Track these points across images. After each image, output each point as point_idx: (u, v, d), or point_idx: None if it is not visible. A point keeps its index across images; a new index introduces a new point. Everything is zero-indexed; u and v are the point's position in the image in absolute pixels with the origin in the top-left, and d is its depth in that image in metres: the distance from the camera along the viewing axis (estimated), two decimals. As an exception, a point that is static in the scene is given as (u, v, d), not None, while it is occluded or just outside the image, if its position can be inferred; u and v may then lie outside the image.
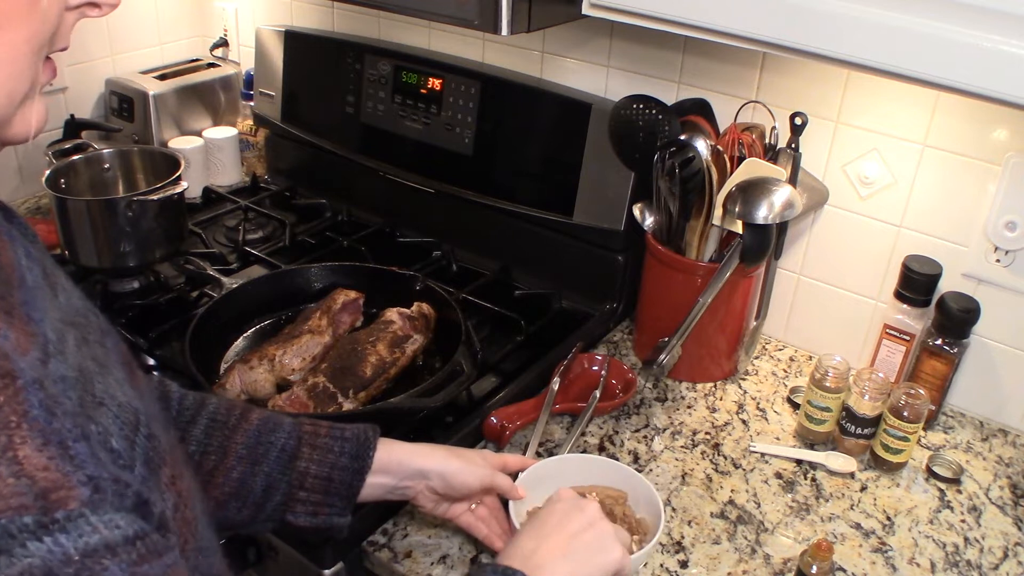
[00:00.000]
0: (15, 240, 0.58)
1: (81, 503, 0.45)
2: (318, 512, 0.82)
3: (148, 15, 1.77)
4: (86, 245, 1.31)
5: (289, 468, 0.81)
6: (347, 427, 0.85)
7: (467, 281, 1.39)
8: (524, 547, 0.75)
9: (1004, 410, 1.19)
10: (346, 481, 0.83)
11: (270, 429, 0.83)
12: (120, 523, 0.47)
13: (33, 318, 0.52)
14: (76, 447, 0.47)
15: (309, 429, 0.84)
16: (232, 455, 0.80)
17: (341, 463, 0.82)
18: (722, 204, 1.12)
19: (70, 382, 0.51)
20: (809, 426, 1.13)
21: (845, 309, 1.27)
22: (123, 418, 0.54)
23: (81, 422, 0.49)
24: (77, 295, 0.65)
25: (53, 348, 0.52)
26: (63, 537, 0.44)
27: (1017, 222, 1.08)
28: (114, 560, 0.46)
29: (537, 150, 1.36)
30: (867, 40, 0.81)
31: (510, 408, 1.12)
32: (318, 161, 1.65)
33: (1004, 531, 1.02)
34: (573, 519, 0.77)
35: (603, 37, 1.33)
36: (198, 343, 1.11)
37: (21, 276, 0.55)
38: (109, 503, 0.47)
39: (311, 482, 0.82)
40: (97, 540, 0.45)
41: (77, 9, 0.57)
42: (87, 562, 0.44)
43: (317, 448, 0.83)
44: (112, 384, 0.56)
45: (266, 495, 0.81)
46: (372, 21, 1.60)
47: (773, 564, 0.96)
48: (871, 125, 1.15)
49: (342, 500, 0.83)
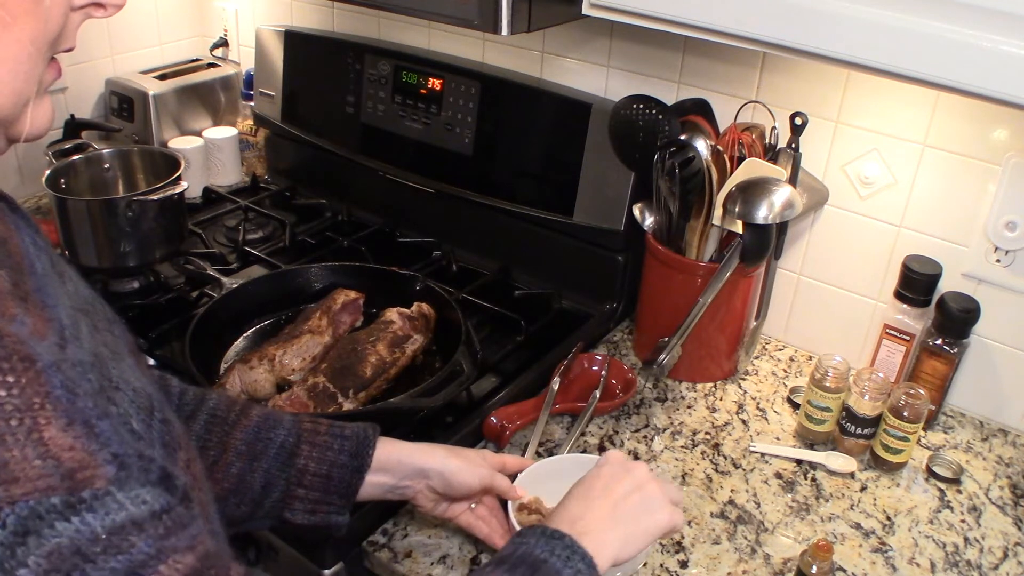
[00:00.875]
0: (21, 230, 0.59)
1: (107, 481, 0.46)
2: (316, 510, 0.82)
3: (148, 15, 1.77)
4: (86, 245, 1.31)
5: (288, 465, 0.81)
6: (347, 425, 0.85)
7: (467, 281, 1.39)
8: (571, 511, 0.74)
9: (1004, 410, 1.19)
10: (345, 479, 0.82)
11: (270, 426, 0.83)
12: (147, 498, 0.48)
13: (47, 304, 0.53)
14: (100, 425, 0.47)
15: (309, 427, 0.84)
16: (231, 451, 0.80)
17: (340, 461, 0.82)
18: (722, 204, 1.12)
19: (87, 366, 0.51)
20: (809, 426, 1.13)
21: (845, 309, 1.27)
22: (139, 403, 0.55)
23: (101, 403, 0.49)
24: (84, 284, 0.65)
25: (69, 333, 0.52)
26: (90, 516, 0.45)
27: (1017, 222, 1.08)
28: (141, 536, 0.46)
29: (537, 150, 1.36)
30: (867, 40, 0.81)
31: (510, 408, 1.12)
32: (318, 161, 1.65)
33: (1004, 531, 1.02)
34: (620, 482, 0.77)
35: (603, 37, 1.33)
36: (198, 343, 1.11)
37: (31, 263, 0.55)
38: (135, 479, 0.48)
39: (310, 480, 0.82)
40: (124, 517, 0.46)
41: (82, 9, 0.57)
42: (114, 539, 0.45)
43: (316, 446, 0.82)
44: (126, 369, 0.57)
45: (264, 491, 0.81)
46: (372, 21, 1.60)
47: (773, 564, 0.96)
48: (871, 125, 1.15)
49: (341, 498, 0.83)
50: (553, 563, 0.66)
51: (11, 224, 0.57)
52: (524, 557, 0.67)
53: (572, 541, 0.69)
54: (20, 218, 0.61)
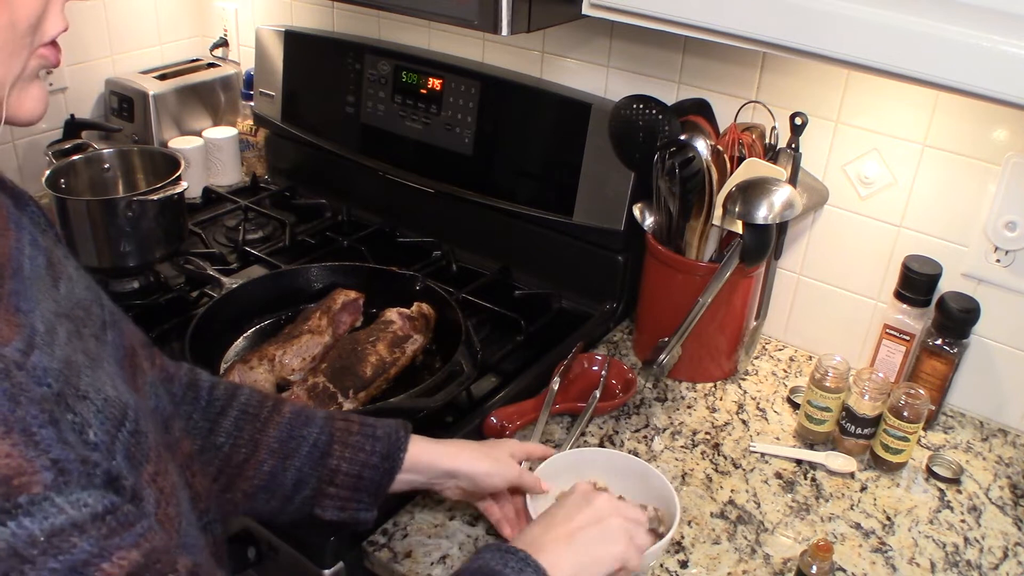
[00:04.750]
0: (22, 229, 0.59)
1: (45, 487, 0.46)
2: (346, 507, 0.83)
3: (148, 15, 1.77)
4: (86, 245, 1.31)
5: (320, 464, 0.82)
6: (379, 424, 0.86)
7: (467, 281, 1.39)
8: (531, 533, 0.77)
9: (1004, 410, 1.19)
10: (375, 479, 0.84)
11: (302, 423, 0.83)
12: (88, 501, 0.48)
13: (22, 309, 0.53)
14: (41, 432, 0.48)
15: (341, 426, 0.85)
16: (264, 448, 0.81)
17: (372, 462, 0.83)
18: (722, 204, 1.12)
19: (52, 373, 0.52)
20: (809, 426, 1.13)
21: (845, 309, 1.27)
22: (106, 412, 0.55)
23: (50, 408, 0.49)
24: (83, 285, 0.65)
25: (40, 340, 0.53)
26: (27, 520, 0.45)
27: (1017, 222, 1.08)
28: (83, 537, 0.47)
29: (537, 150, 1.36)
30: (867, 40, 0.81)
31: (510, 408, 1.12)
32: (318, 161, 1.65)
33: (1004, 531, 1.02)
34: (581, 511, 0.79)
35: (603, 37, 1.33)
36: (198, 343, 1.11)
37: (18, 266, 0.55)
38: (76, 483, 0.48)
39: (341, 479, 0.83)
40: (63, 520, 0.46)
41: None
42: (54, 541, 0.45)
43: (349, 446, 0.83)
44: (102, 378, 0.57)
45: (295, 489, 0.82)
46: (372, 21, 1.60)
47: (773, 564, 0.96)
48: (871, 125, 1.15)
49: (370, 496, 0.84)
50: (507, 574, 0.69)
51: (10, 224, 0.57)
52: (480, 569, 0.70)
53: (526, 555, 0.71)
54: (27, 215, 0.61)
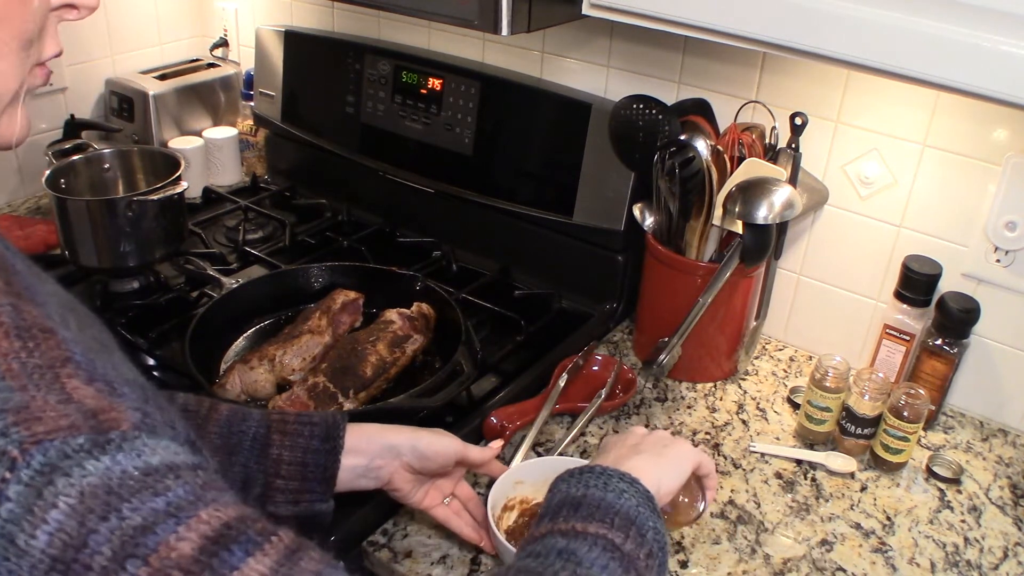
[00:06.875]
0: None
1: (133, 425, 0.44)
2: (299, 500, 0.82)
3: (148, 15, 1.77)
4: (86, 245, 1.31)
5: (263, 456, 0.82)
6: (314, 413, 0.86)
7: (467, 281, 1.39)
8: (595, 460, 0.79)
9: (1004, 410, 1.19)
10: (320, 464, 0.83)
11: (240, 419, 0.83)
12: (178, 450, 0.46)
13: (38, 302, 0.53)
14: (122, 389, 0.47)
15: (277, 417, 0.85)
16: (208, 446, 0.80)
17: (313, 446, 0.83)
18: (722, 204, 1.12)
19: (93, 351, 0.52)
20: (809, 426, 1.13)
21: (845, 309, 1.27)
22: None
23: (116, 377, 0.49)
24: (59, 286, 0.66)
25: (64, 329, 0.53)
26: (121, 456, 0.43)
27: (1017, 222, 1.08)
28: (178, 481, 0.44)
29: (537, 150, 1.36)
30: (867, 40, 0.81)
31: (510, 408, 1.12)
32: (318, 161, 1.65)
33: (1004, 531, 1.02)
34: (636, 435, 0.83)
35: (603, 37, 1.33)
36: (198, 343, 1.11)
37: (13, 265, 0.55)
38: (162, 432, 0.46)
39: (286, 469, 0.82)
40: (158, 460, 0.44)
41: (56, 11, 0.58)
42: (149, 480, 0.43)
43: (288, 434, 0.83)
44: (118, 362, 0.57)
45: (245, 487, 0.81)
46: (372, 21, 1.60)
47: (773, 564, 0.96)
48: (871, 125, 1.15)
49: (320, 485, 0.83)
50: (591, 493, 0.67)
51: None
52: (562, 503, 0.67)
53: (603, 468, 0.70)
54: None
